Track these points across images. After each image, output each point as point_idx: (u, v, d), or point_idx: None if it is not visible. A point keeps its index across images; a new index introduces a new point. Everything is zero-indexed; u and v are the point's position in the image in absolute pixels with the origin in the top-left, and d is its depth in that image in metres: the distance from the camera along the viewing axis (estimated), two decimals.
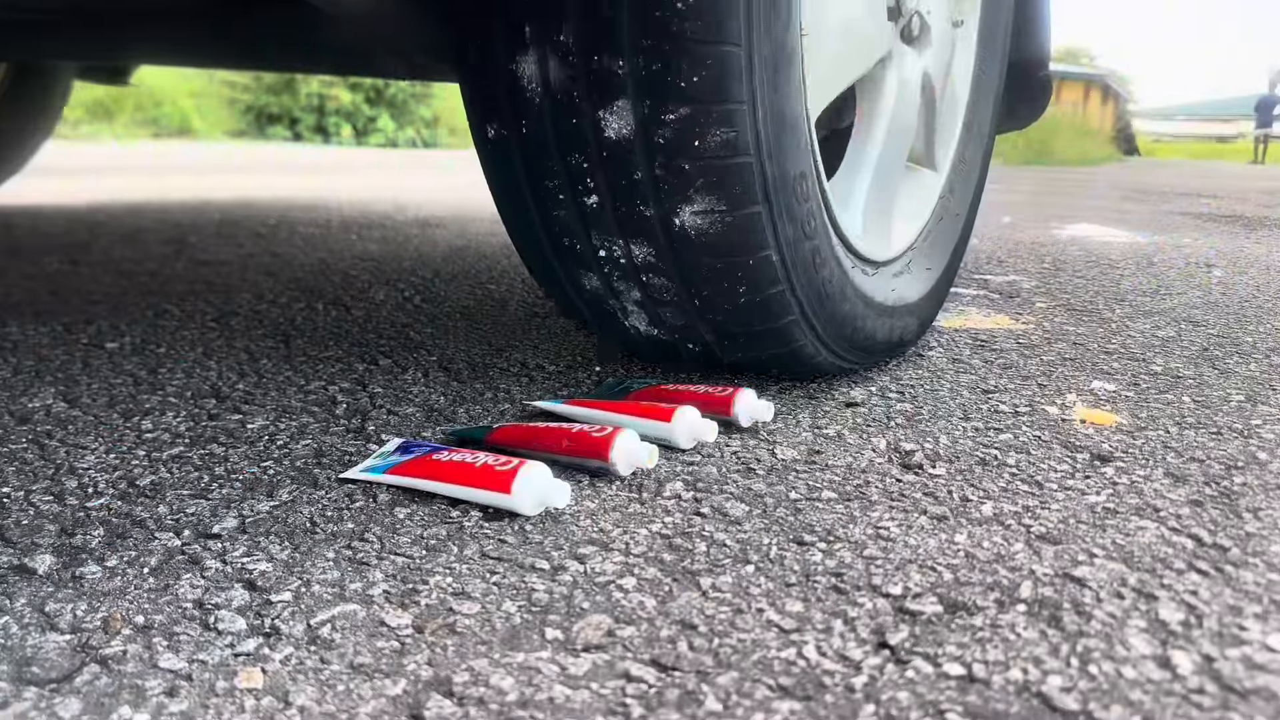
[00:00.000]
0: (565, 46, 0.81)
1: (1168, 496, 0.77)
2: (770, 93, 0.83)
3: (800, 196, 0.89)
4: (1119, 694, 0.50)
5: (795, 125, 0.88)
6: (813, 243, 0.92)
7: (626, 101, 0.81)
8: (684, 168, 0.82)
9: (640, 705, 0.48)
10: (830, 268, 0.95)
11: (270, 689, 0.49)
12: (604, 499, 0.74)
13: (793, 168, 0.87)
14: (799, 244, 0.90)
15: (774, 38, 0.83)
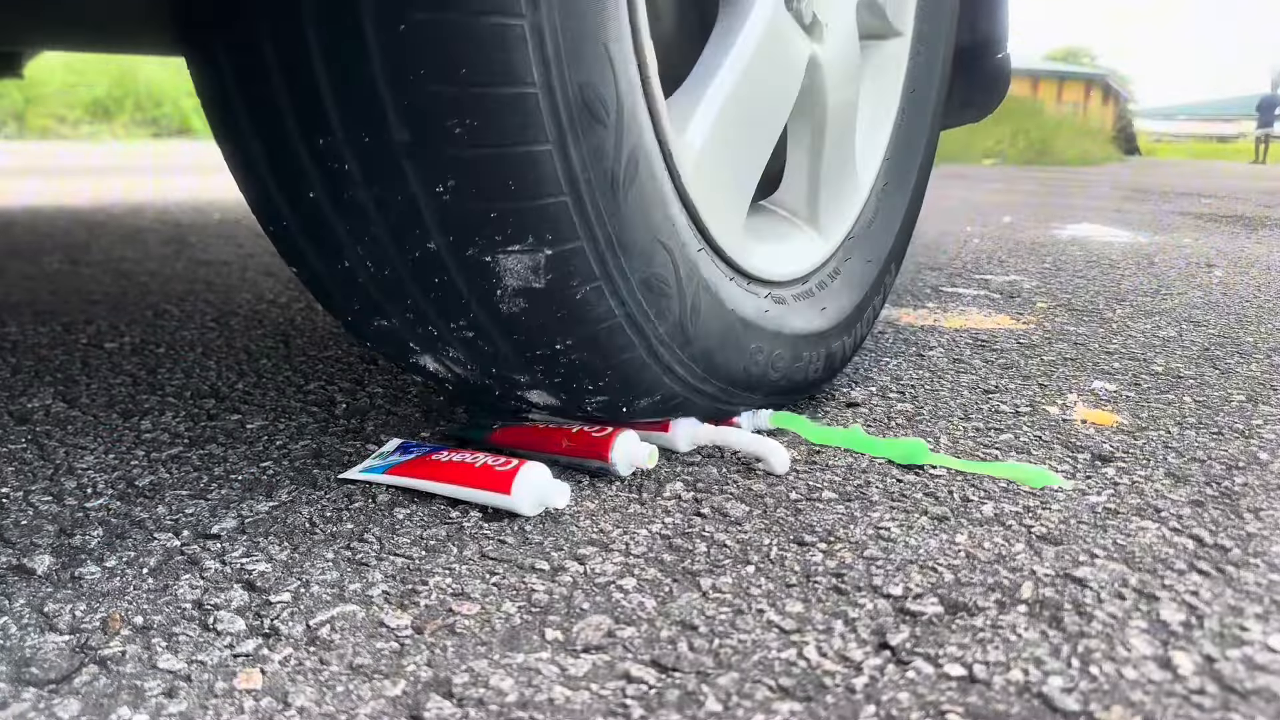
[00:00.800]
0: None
1: (1169, 497, 0.77)
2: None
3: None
4: (1120, 695, 0.49)
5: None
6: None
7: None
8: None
9: (640, 706, 0.48)
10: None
11: (269, 690, 0.49)
12: (604, 499, 0.74)
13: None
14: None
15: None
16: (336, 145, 0.61)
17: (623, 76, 0.65)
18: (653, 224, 0.71)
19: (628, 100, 0.66)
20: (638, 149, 0.67)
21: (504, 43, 0.57)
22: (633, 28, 0.66)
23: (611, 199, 0.66)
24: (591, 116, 0.62)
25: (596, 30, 0.61)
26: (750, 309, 0.85)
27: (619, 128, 0.65)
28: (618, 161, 0.65)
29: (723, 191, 0.82)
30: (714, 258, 0.81)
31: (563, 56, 0.59)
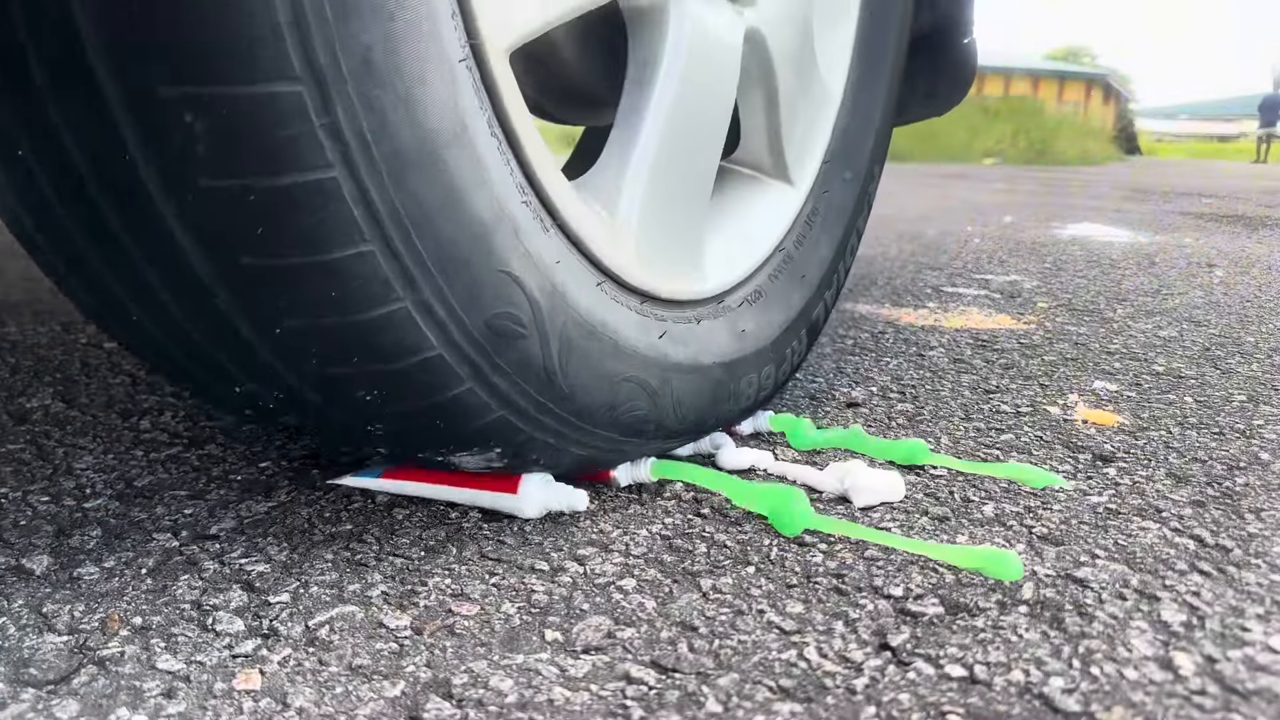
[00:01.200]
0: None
1: (1170, 497, 0.77)
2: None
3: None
4: (1121, 695, 0.49)
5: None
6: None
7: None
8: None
9: (640, 707, 0.48)
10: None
11: (268, 690, 0.49)
12: (604, 499, 0.74)
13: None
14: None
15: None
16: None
17: (531, 279, 0.58)
18: (606, 372, 0.65)
19: (544, 292, 0.59)
20: (568, 324, 0.61)
21: (391, 325, 0.52)
22: (541, 202, 0.61)
23: (552, 389, 0.61)
24: (507, 338, 0.57)
25: (492, 264, 0.55)
26: (727, 341, 0.78)
27: (540, 327, 0.59)
28: (549, 357, 0.60)
29: (676, 238, 0.75)
30: (680, 317, 0.75)
31: (458, 311, 0.54)
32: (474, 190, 0.54)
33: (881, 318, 1.51)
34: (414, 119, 0.49)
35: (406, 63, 0.49)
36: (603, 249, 0.66)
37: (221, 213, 0.46)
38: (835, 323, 1.46)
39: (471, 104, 0.54)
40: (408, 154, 0.49)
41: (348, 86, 0.46)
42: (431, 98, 0.50)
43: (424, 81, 0.50)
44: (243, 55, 0.43)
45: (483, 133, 0.55)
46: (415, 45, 0.49)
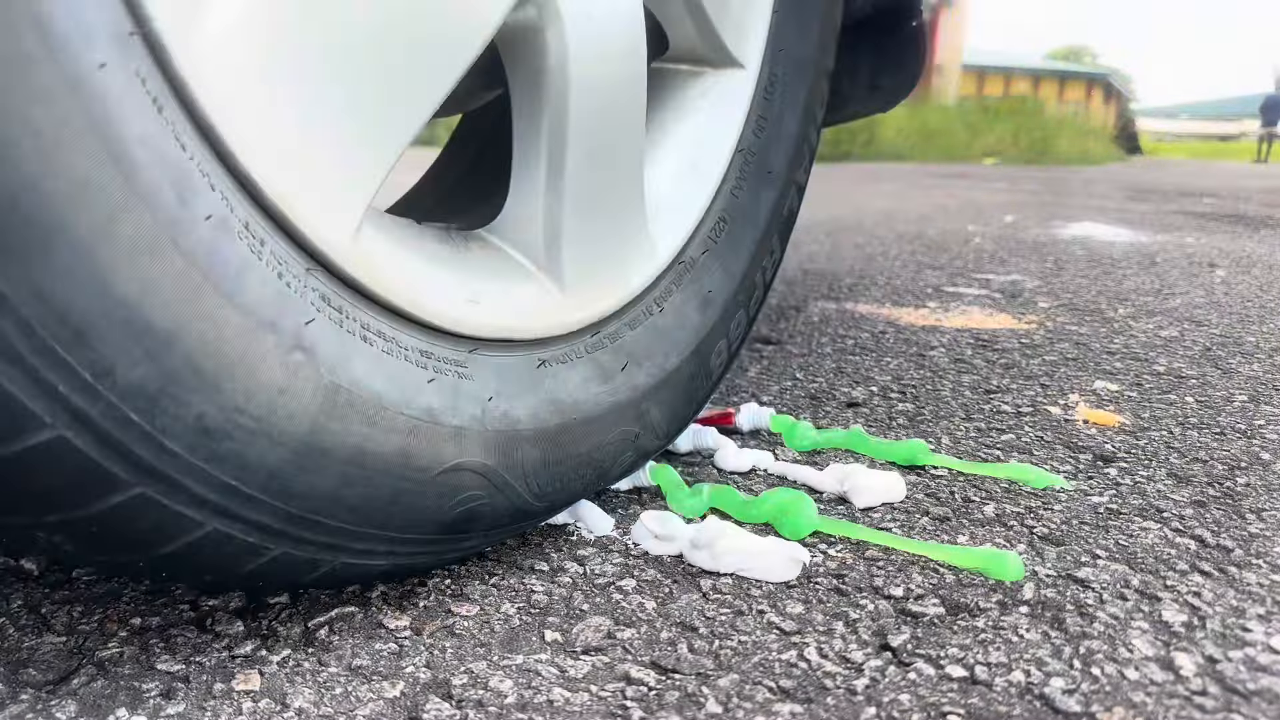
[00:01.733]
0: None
1: (1171, 497, 0.77)
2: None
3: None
4: (1122, 696, 0.49)
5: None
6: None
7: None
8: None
9: (640, 708, 0.48)
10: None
11: (268, 691, 0.49)
12: (603, 500, 0.74)
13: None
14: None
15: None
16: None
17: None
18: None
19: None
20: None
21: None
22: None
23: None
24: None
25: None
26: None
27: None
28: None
29: (606, 246, 0.65)
30: (601, 336, 0.65)
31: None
32: (373, 426, 0.48)
33: (882, 317, 1.51)
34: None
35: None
36: (536, 322, 0.60)
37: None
38: (835, 322, 1.46)
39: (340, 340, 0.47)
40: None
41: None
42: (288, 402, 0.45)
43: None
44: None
45: (361, 357, 0.49)
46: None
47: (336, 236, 0.48)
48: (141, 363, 0.39)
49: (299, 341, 0.45)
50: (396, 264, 0.52)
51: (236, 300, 0.42)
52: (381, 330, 0.50)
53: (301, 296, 0.46)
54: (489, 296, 0.58)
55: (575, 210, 0.62)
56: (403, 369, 0.51)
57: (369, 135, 0.48)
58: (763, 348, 1.27)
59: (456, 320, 0.55)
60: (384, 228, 0.54)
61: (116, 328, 0.39)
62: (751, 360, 1.20)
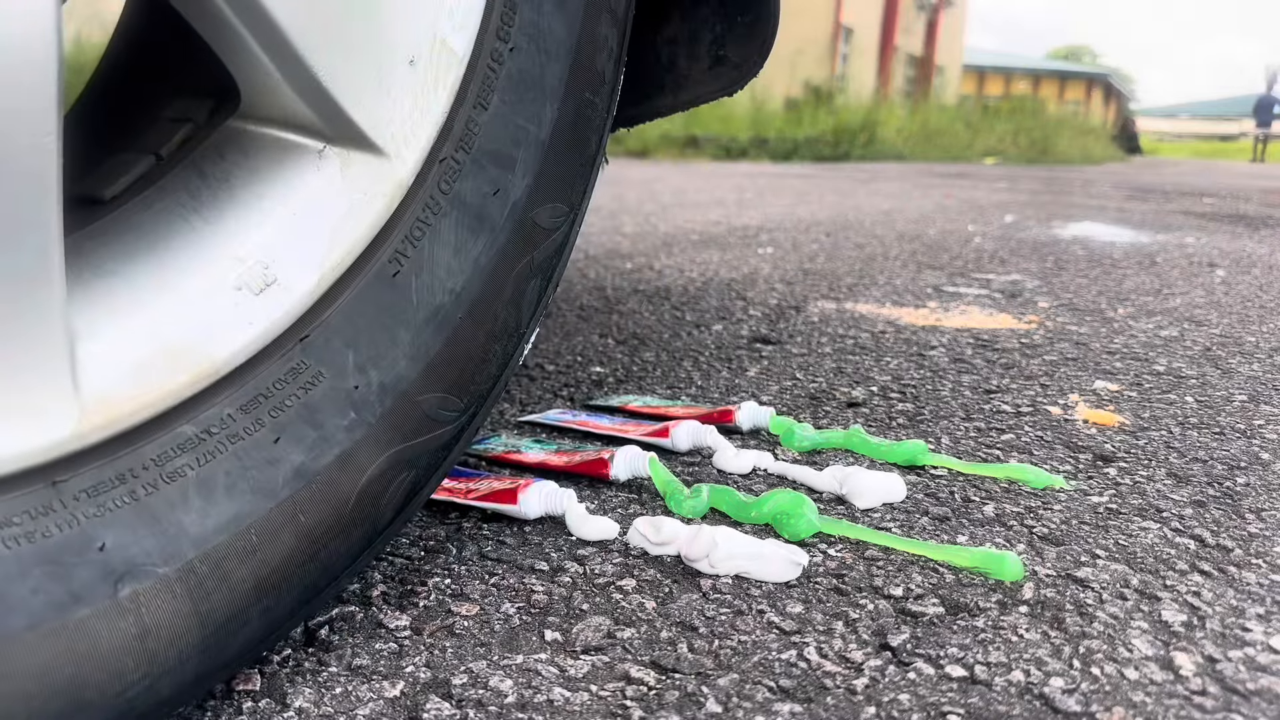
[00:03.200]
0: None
1: (1170, 497, 0.77)
2: None
3: None
4: (1121, 695, 0.49)
5: None
6: None
7: None
8: None
9: (640, 707, 0.48)
10: None
11: (268, 691, 0.49)
12: (603, 500, 0.74)
13: None
14: None
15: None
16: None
17: None
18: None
19: None
20: None
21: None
22: None
23: None
24: None
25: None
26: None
27: None
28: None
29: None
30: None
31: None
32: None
33: (882, 317, 1.51)
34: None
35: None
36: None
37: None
38: (835, 322, 1.46)
39: None
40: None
41: None
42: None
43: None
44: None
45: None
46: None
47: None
48: None
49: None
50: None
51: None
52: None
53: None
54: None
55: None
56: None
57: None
58: (763, 348, 1.27)
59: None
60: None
61: None
62: (751, 360, 1.20)
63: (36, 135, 0.38)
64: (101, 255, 0.47)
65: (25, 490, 0.40)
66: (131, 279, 0.46)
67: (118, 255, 0.47)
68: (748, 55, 0.84)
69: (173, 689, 0.43)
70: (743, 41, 0.83)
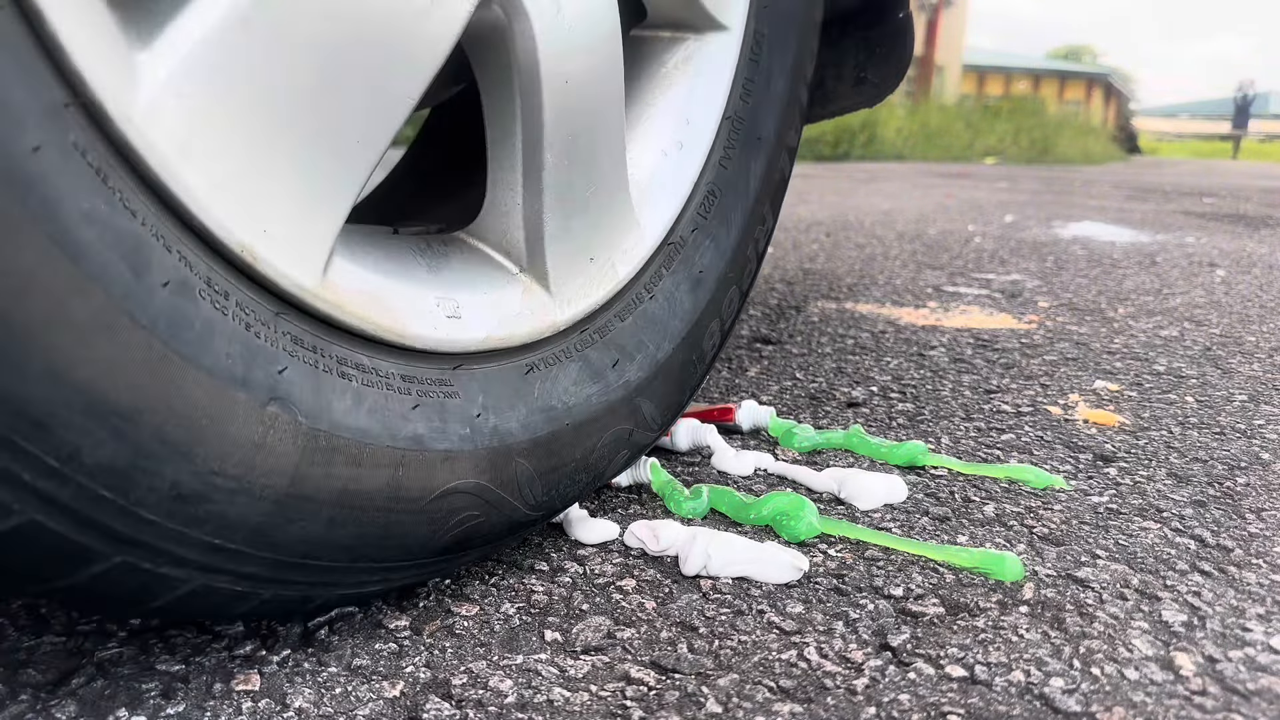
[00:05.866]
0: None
1: (1171, 497, 0.77)
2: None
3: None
4: (1121, 696, 0.49)
5: None
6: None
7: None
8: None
9: (640, 708, 0.48)
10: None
11: (267, 691, 0.49)
12: (603, 500, 0.74)
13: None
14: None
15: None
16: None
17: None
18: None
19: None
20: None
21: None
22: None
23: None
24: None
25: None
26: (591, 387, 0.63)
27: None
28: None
29: (609, 236, 0.63)
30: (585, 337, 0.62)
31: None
32: (359, 478, 0.47)
33: (882, 317, 1.51)
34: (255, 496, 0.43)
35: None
36: (522, 327, 0.58)
37: None
38: (835, 322, 1.46)
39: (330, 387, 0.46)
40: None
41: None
42: (265, 457, 0.43)
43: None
44: None
45: (341, 402, 0.47)
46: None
47: (304, 275, 0.46)
48: (107, 442, 0.38)
49: (273, 393, 0.43)
50: (371, 290, 0.50)
51: (203, 362, 0.41)
52: (360, 362, 0.49)
53: (272, 345, 0.44)
54: (472, 308, 0.56)
55: (556, 206, 0.60)
56: (385, 398, 0.49)
57: (330, 169, 0.46)
58: (763, 347, 1.27)
59: (439, 340, 0.53)
60: (356, 253, 0.51)
61: (77, 413, 0.37)
62: (751, 360, 1.20)
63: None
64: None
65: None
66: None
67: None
68: (885, 77, 1.02)
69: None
70: (881, 66, 1.00)
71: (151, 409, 0.39)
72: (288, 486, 0.44)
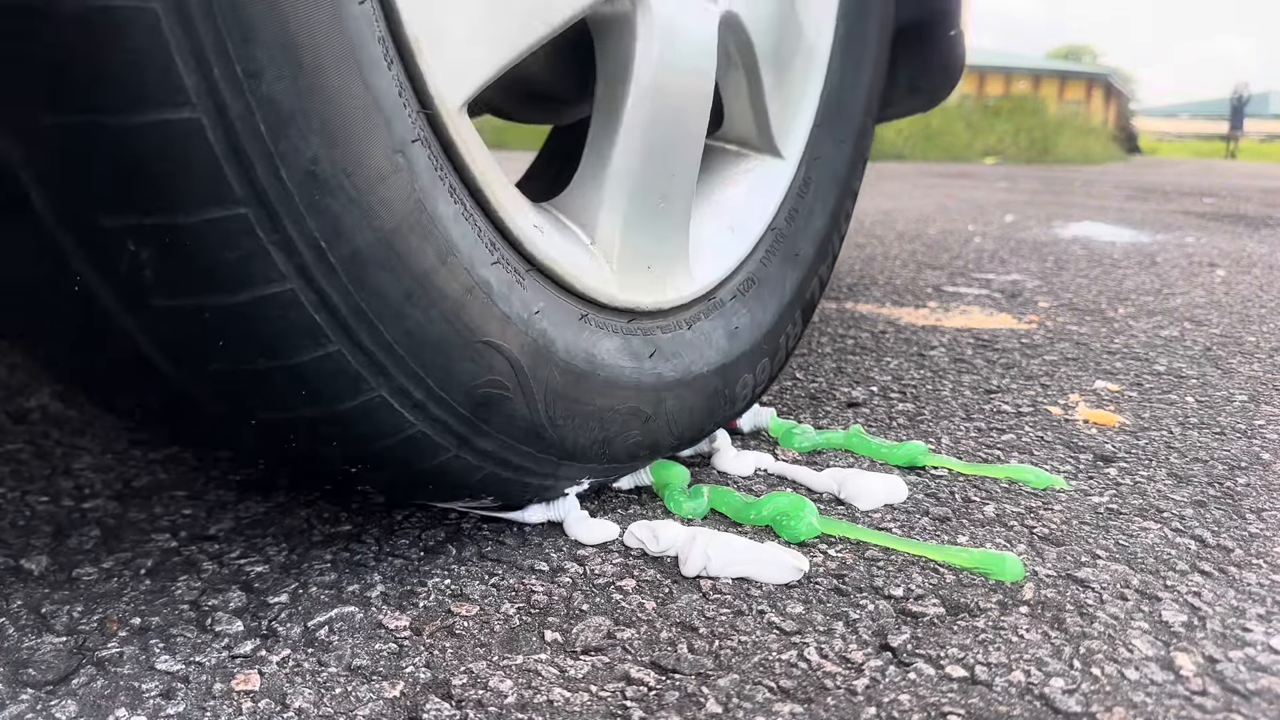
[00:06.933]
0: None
1: (1171, 497, 0.77)
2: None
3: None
4: (1122, 696, 0.49)
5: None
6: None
7: None
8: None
9: (640, 708, 0.48)
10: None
11: (267, 691, 0.49)
12: (603, 500, 0.74)
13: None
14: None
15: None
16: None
17: (511, 340, 0.57)
18: (597, 408, 0.64)
19: (526, 349, 0.58)
20: (553, 374, 0.61)
21: (369, 414, 0.51)
22: (517, 254, 0.59)
23: (540, 440, 0.61)
24: (491, 404, 0.57)
25: (467, 336, 0.54)
26: (722, 342, 0.77)
27: (525, 386, 0.58)
28: (535, 412, 0.60)
29: (659, 249, 0.72)
30: (669, 325, 0.73)
31: (436, 390, 0.54)
32: (438, 270, 0.52)
33: (882, 317, 1.51)
34: (369, 218, 0.48)
35: (352, 165, 0.47)
36: (584, 279, 0.64)
37: (179, 328, 0.46)
38: (835, 322, 1.46)
39: (429, 180, 0.52)
40: (366, 253, 0.48)
41: (294, 201, 0.45)
42: (385, 191, 0.49)
43: (374, 178, 0.48)
44: (179, 187, 0.42)
45: (444, 205, 0.53)
46: (359, 145, 0.47)
47: (449, 103, 0.53)
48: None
49: (402, 148, 0.50)
50: (484, 155, 0.57)
51: (370, 83, 0.48)
52: (464, 199, 0.55)
53: (411, 121, 0.51)
54: (549, 231, 0.63)
55: (633, 203, 0.69)
56: (474, 239, 0.56)
57: (490, 31, 0.56)
58: None
59: (520, 234, 0.60)
60: (475, 137, 0.57)
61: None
62: None
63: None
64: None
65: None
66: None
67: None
68: (938, 87, 1.16)
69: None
70: (933, 77, 1.13)
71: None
72: (391, 231, 0.50)
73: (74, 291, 0.45)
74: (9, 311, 0.50)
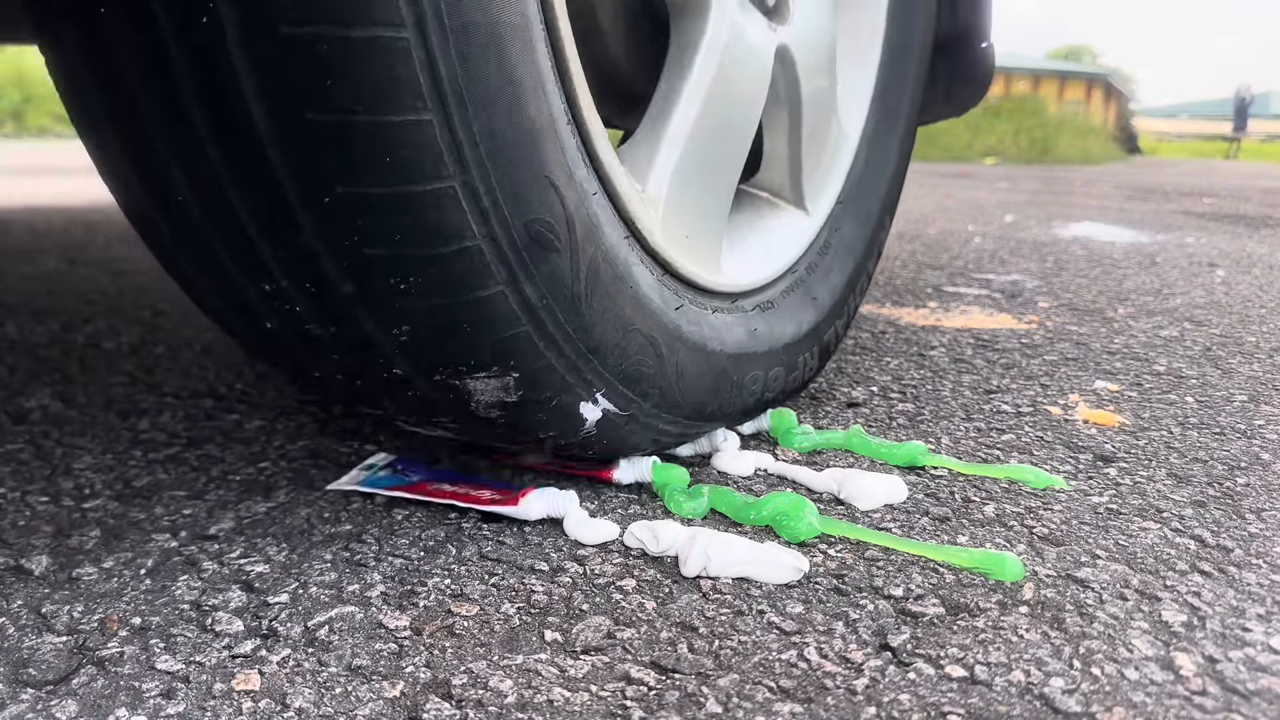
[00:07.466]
0: None
1: (1171, 497, 0.77)
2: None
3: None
4: (1121, 696, 0.49)
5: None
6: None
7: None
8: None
9: (640, 708, 0.48)
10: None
11: (268, 691, 0.49)
12: (603, 500, 0.74)
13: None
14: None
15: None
16: (285, 291, 0.57)
17: (570, 197, 0.60)
18: (624, 317, 0.67)
19: (580, 216, 0.61)
20: (597, 255, 0.63)
21: (437, 204, 0.53)
22: (581, 138, 0.63)
23: (575, 314, 0.62)
24: (543, 248, 0.59)
25: (537, 167, 0.57)
26: (740, 336, 0.81)
27: (573, 248, 0.61)
28: (577, 280, 0.62)
29: (697, 225, 0.77)
30: (696, 300, 0.77)
31: (501, 204, 0.55)
32: (530, 91, 0.56)
33: (882, 317, 1.51)
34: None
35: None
36: (633, 208, 0.68)
37: (290, 61, 0.47)
38: None
39: (534, 9, 0.56)
40: (476, 31, 0.51)
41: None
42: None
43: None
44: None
45: (541, 43, 0.57)
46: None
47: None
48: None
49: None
50: (585, 84, 0.63)
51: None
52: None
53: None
54: (614, 163, 0.68)
55: (683, 165, 0.74)
56: (570, 132, 0.61)
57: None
58: None
59: (597, 147, 0.65)
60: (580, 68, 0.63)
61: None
62: None
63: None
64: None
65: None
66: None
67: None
68: (970, 95, 1.27)
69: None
70: (965, 86, 1.24)
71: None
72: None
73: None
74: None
